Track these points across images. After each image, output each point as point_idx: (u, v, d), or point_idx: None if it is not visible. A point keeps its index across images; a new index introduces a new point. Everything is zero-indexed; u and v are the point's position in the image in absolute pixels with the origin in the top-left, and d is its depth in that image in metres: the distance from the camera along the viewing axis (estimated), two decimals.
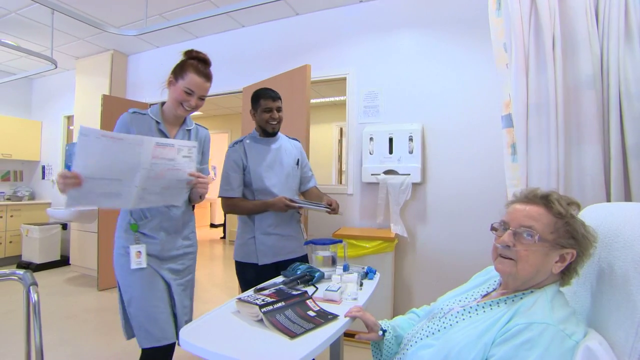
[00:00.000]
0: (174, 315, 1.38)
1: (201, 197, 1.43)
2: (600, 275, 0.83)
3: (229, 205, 1.76)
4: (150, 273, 1.34)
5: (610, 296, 0.78)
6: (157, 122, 1.37)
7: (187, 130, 1.45)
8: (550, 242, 0.79)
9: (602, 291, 0.81)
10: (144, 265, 1.32)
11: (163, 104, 1.41)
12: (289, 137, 1.93)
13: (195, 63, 1.33)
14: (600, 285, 0.82)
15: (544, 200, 0.83)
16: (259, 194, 1.74)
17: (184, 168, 1.26)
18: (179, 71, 1.34)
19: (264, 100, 1.75)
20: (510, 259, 0.81)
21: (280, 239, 1.74)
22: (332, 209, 1.67)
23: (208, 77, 1.36)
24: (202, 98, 1.37)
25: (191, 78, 1.31)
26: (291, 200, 1.67)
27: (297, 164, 1.89)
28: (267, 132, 1.78)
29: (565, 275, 0.82)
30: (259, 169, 1.74)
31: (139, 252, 1.31)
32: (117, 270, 1.37)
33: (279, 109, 1.78)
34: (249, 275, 1.70)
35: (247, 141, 1.79)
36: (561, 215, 0.80)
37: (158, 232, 1.37)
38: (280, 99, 1.79)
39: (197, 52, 1.37)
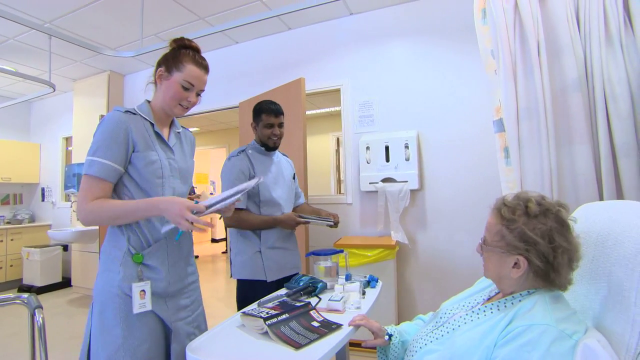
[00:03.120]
0: None
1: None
2: (595, 273, 0.85)
3: (235, 218, 1.63)
4: (153, 318, 1.08)
5: (605, 293, 0.80)
6: (152, 124, 1.15)
7: (177, 132, 1.25)
8: (498, 249, 0.83)
9: (597, 289, 0.83)
10: (149, 307, 1.04)
11: (148, 102, 1.21)
12: (281, 153, 1.91)
13: (192, 53, 1.15)
14: (595, 283, 0.84)
15: (497, 208, 0.86)
16: (265, 205, 1.68)
17: None
18: (171, 62, 1.12)
19: (266, 115, 1.71)
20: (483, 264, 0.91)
21: (284, 253, 1.70)
22: (336, 222, 1.71)
23: (207, 69, 1.19)
24: (199, 94, 1.18)
25: (190, 70, 1.12)
26: (299, 216, 1.68)
27: (294, 178, 1.90)
28: (268, 146, 1.75)
29: (546, 280, 0.80)
30: (266, 179, 1.69)
31: (144, 291, 1.04)
32: (105, 315, 1.04)
33: (280, 125, 1.74)
34: (259, 294, 1.43)
35: (250, 151, 1.73)
36: (506, 222, 0.82)
37: (163, 264, 1.11)
38: (283, 114, 1.76)
39: (188, 40, 1.17)
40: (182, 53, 1.13)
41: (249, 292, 1.59)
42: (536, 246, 0.78)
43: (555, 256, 0.77)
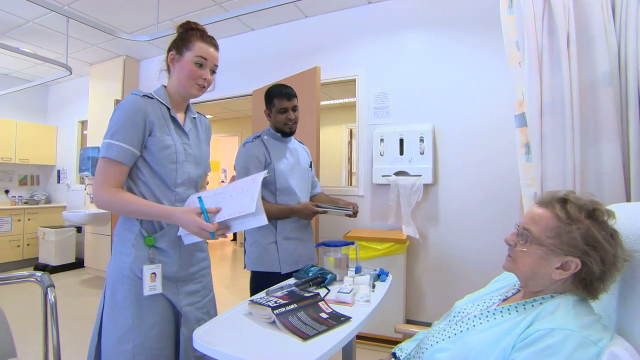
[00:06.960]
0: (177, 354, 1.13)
1: None
2: (623, 278, 0.80)
3: None
4: (163, 301, 1.09)
5: (634, 300, 0.76)
6: (168, 109, 1.15)
7: (193, 118, 1.25)
8: (547, 246, 0.77)
9: (624, 295, 0.79)
10: (160, 290, 1.06)
11: (164, 86, 1.21)
12: (297, 140, 1.86)
13: (199, 33, 1.15)
14: (623, 288, 0.80)
15: (558, 203, 0.79)
16: (281, 194, 1.63)
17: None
18: (181, 44, 1.14)
19: (278, 100, 1.64)
20: (512, 257, 0.84)
21: (299, 245, 1.65)
22: (354, 212, 1.64)
23: (216, 46, 1.18)
24: (214, 71, 1.18)
25: (199, 47, 1.12)
26: (317, 206, 1.61)
27: (310, 166, 1.83)
28: (284, 132, 1.69)
29: (587, 287, 0.76)
30: (283, 167, 1.64)
31: (154, 273, 1.05)
32: (116, 297, 1.06)
33: (294, 108, 1.67)
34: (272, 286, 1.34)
35: (266, 137, 1.68)
36: (570, 220, 0.76)
37: (175, 248, 1.12)
38: (296, 97, 1.68)
39: (194, 23, 1.18)
40: (189, 34, 1.14)
41: (262, 284, 1.50)
42: (600, 252, 0.73)
43: (612, 266, 0.74)
